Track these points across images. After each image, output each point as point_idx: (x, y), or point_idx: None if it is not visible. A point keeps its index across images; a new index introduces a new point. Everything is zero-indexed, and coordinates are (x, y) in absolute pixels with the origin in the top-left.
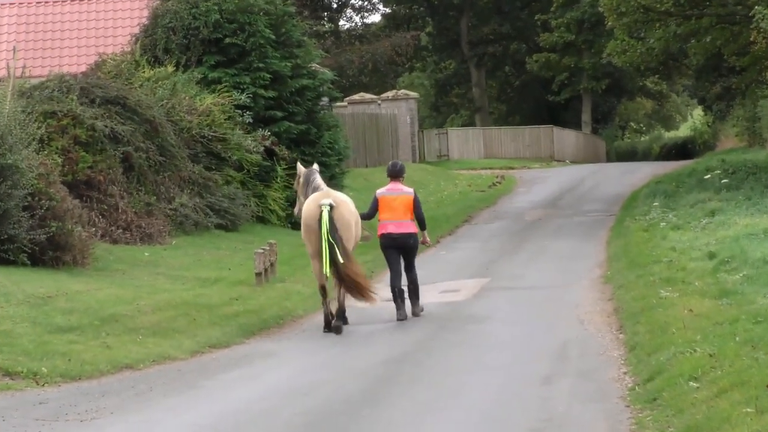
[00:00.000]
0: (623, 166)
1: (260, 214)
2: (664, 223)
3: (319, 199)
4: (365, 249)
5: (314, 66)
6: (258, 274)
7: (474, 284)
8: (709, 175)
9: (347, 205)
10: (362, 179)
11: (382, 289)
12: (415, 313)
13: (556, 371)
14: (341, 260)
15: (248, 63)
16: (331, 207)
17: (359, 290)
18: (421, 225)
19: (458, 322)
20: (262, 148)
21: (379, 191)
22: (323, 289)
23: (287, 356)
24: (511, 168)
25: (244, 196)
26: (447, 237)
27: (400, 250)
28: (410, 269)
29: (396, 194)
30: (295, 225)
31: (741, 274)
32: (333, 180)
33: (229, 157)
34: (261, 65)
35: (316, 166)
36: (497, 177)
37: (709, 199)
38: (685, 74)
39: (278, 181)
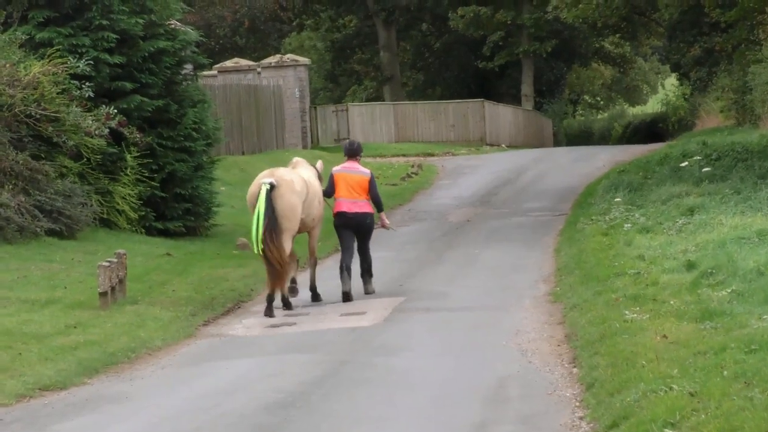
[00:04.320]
0: (576, 151)
1: (105, 216)
2: (629, 225)
3: (262, 178)
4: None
5: (174, 24)
6: (103, 294)
7: (384, 305)
8: (686, 163)
9: (289, 183)
10: (237, 169)
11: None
12: (367, 291)
13: (491, 417)
14: (271, 243)
15: (88, 20)
16: (272, 186)
17: (280, 278)
18: (378, 207)
19: (364, 355)
20: (106, 130)
21: (335, 168)
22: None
23: (142, 400)
24: (431, 155)
25: (84, 192)
26: None
27: (355, 230)
28: (365, 251)
29: (352, 173)
30: (150, 230)
31: (728, 290)
32: (199, 171)
33: (64, 142)
34: (104, 23)
35: (319, 164)
36: (413, 166)
37: (687, 193)
38: (654, 33)
39: (128, 172)
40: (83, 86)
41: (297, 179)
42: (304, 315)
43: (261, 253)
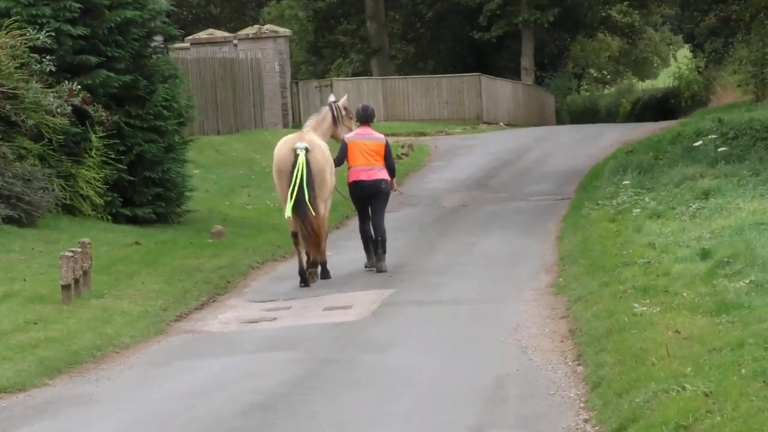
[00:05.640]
0: (580, 129)
1: (68, 202)
2: (639, 210)
3: (293, 142)
4: None
5: None
6: (65, 287)
7: (372, 298)
8: (700, 142)
9: (321, 150)
10: (213, 151)
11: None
12: (380, 269)
13: (488, 420)
14: (310, 209)
15: None
16: (307, 150)
17: (316, 243)
18: (391, 174)
19: (350, 352)
20: (69, 108)
21: (348, 136)
22: (296, 237)
23: (108, 403)
24: (423, 134)
25: (45, 176)
26: (334, 231)
27: (370, 197)
28: (379, 219)
29: (366, 139)
30: (117, 217)
31: (746, 280)
32: (171, 152)
33: (23, 121)
34: None
35: (343, 101)
36: (403, 147)
37: (701, 174)
38: (665, 0)
39: (93, 154)
40: (44, 60)
41: (324, 145)
42: (285, 309)
43: (295, 218)
